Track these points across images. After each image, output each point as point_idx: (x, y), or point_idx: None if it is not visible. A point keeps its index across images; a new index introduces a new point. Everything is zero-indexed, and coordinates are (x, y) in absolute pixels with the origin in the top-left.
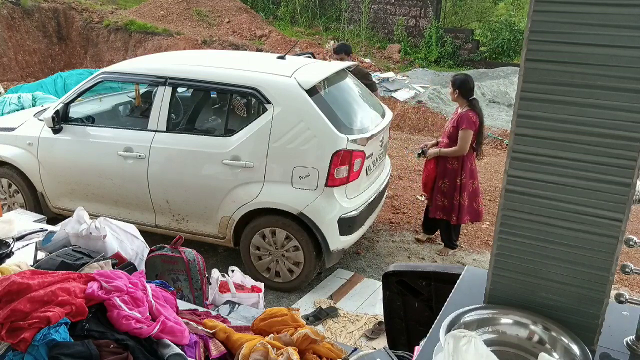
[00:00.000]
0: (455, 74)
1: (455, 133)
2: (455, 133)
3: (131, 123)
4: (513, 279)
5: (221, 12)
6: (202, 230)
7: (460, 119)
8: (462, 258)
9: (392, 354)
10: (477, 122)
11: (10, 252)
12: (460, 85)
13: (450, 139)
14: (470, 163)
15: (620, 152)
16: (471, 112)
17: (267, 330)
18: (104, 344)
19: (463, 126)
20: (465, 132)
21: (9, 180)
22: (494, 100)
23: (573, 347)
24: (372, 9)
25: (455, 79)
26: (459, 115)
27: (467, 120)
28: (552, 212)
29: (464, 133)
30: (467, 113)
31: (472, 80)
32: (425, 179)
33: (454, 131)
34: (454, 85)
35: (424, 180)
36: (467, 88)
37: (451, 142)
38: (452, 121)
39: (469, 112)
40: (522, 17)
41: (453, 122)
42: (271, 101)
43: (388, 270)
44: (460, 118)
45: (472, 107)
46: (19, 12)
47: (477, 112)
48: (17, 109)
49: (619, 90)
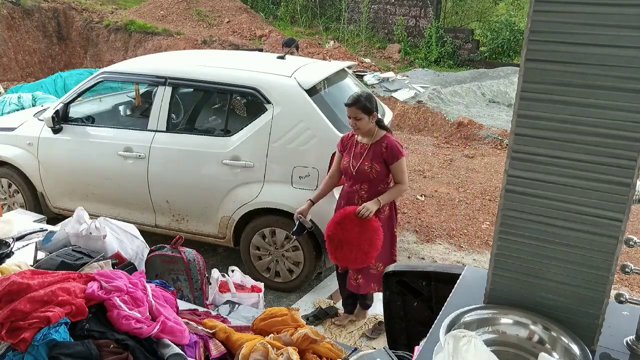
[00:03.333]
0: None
1: (383, 170)
2: (383, 170)
3: (131, 123)
4: (513, 279)
5: (221, 12)
6: (202, 230)
7: (385, 149)
8: (462, 258)
9: (392, 354)
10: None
11: (10, 252)
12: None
13: (372, 182)
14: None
15: (620, 152)
16: (393, 136)
17: (267, 330)
18: (104, 344)
19: (399, 156)
20: (402, 161)
21: (9, 180)
22: (494, 100)
23: (573, 347)
24: (372, 9)
25: (358, 98)
26: (379, 145)
27: (396, 146)
28: (552, 212)
29: (401, 164)
30: (388, 138)
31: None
32: (342, 247)
33: (382, 168)
34: (365, 110)
35: (332, 250)
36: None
37: (376, 185)
38: (363, 157)
39: (389, 137)
40: (522, 17)
41: (368, 159)
42: (271, 101)
43: (388, 270)
44: (385, 148)
45: (388, 129)
46: (19, 12)
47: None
48: (17, 109)
49: (619, 90)
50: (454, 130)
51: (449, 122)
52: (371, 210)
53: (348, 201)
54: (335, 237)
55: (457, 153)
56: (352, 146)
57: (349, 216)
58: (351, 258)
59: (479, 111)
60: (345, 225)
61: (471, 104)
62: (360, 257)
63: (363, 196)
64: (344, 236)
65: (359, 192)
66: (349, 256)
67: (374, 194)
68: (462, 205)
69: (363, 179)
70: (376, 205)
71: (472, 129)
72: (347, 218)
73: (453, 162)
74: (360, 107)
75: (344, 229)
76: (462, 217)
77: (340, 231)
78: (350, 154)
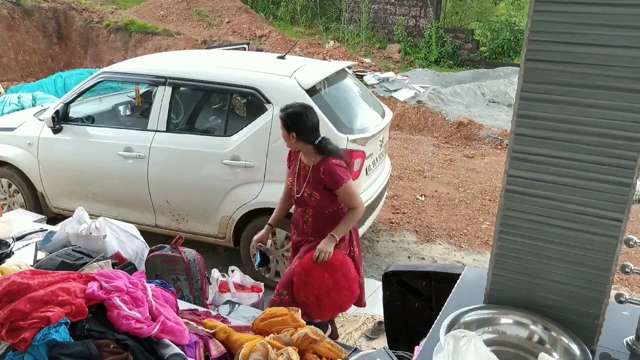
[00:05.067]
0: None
1: (325, 197)
2: (325, 197)
3: (131, 123)
4: (513, 279)
5: (221, 12)
6: (202, 230)
7: (324, 175)
8: (462, 258)
9: (392, 354)
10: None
11: (10, 252)
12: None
13: (315, 208)
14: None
15: (620, 152)
16: (334, 159)
17: (267, 330)
18: (104, 344)
19: (341, 183)
20: (348, 185)
21: (9, 180)
22: (494, 100)
23: (573, 347)
24: (372, 9)
25: (283, 109)
26: (317, 170)
27: (335, 172)
28: (552, 212)
29: (345, 188)
30: (326, 163)
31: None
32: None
33: (322, 196)
34: (284, 125)
35: (315, 312)
36: (308, 126)
37: (322, 210)
38: (305, 182)
39: (328, 161)
40: (522, 17)
41: (309, 185)
42: (271, 101)
43: (388, 270)
44: (323, 174)
45: (328, 152)
46: (19, 12)
47: (339, 156)
48: (17, 109)
49: (619, 90)
50: (454, 130)
51: (449, 122)
52: (329, 251)
53: (296, 228)
54: (311, 296)
55: (457, 153)
56: (296, 163)
57: (311, 268)
58: (338, 304)
59: (479, 111)
60: (312, 280)
61: (471, 104)
62: (346, 297)
63: (308, 220)
64: (318, 291)
65: (303, 216)
66: (335, 303)
67: (320, 219)
68: (462, 205)
69: (306, 204)
70: (331, 242)
71: (472, 129)
72: (310, 271)
73: (453, 162)
74: (281, 118)
75: (313, 285)
76: (462, 217)
77: (311, 289)
78: (294, 173)
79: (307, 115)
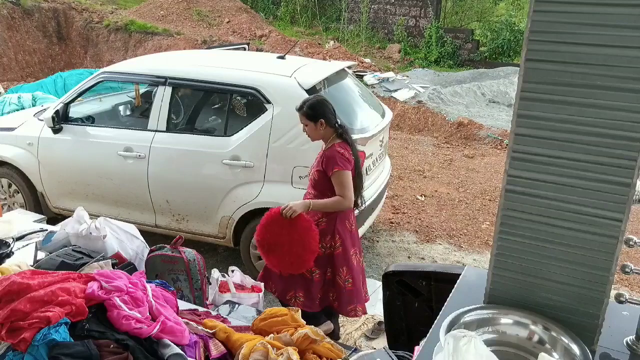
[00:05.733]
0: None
1: (321, 179)
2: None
3: (131, 123)
4: (513, 279)
5: (221, 12)
6: (202, 230)
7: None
8: (462, 258)
9: (392, 354)
10: (352, 159)
11: (10, 252)
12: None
13: (316, 189)
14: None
15: (620, 152)
16: (339, 146)
17: (267, 330)
18: (104, 344)
19: (334, 168)
20: (341, 173)
21: (9, 180)
22: (494, 100)
23: (573, 347)
24: (372, 9)
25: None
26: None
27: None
28: (552, 212)
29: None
30: (333, 147)
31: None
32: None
33: (319, 177)
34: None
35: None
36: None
37: (322, 194)
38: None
39: (335, 146)
40: (522, 17)
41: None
42: (271, 101)
43: (388, 270)
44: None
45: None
46: (19, 12)
47: (349, 143)
48: (17, 109)
49: (619, 90)
50: (454, 130)
51: (449, 122)
52: (295, 210)
53: None
54: (264, 241)
55: (457, 153)
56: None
57: (274, 217)
58: (285, 262)
59: (479, 111)
60: (272, 228)
61: (471, 104)
62: (295, 261)
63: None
64: (273, 240)
65: (306, 197)
66: (283, 260)
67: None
68: (462, 205)
69: (311, 185)
70: (304, 207)
71: (472, 129)
72: (274, 220)
73: (453, 162)
74: (304, 113)
75: (272, 231)
76: (462, 217)
77: (268, 235)
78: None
79: (326, 100)
